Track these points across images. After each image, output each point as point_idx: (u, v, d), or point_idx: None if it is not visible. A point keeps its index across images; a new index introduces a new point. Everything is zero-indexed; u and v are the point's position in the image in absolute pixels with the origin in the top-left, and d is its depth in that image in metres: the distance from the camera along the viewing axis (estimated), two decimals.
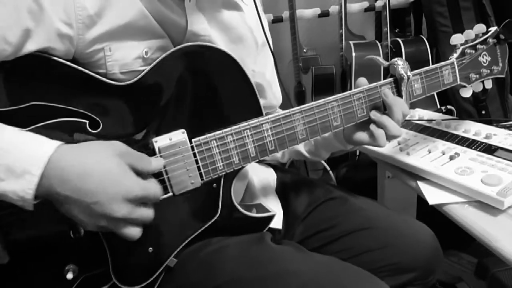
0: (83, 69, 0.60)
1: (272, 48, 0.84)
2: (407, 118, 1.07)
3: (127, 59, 0.63)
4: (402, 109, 0.74)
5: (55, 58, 0.58)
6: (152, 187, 0.57)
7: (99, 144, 0.56)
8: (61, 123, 0.58)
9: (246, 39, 0.77)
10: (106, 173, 0.53)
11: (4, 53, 0.55)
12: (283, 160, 0.93)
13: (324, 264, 0.67)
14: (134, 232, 0.56)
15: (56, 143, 0.53)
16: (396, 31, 1.80)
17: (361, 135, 0.75)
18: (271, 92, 0.88)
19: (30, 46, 0.56)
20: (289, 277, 0.63)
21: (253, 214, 0.73)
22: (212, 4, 0.71)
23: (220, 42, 0.72)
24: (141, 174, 0.56)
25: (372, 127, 0.74)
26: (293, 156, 0.92)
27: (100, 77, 0.60)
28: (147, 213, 0.56)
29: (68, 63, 0.59)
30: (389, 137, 0.74)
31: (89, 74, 0.60)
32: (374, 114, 0.74)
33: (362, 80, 0.75)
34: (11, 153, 0.51)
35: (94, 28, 0.59)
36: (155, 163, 0.58)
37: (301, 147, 0.88)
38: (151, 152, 0.61)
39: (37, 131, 0.56)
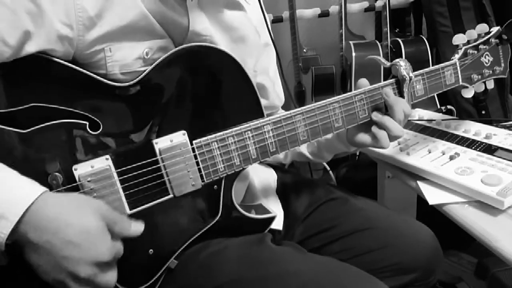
0: (83, 70, 0.59)
1: (276, 48, 0.84)
2: None
3: (127, 59, 0.62)
4: (404, 109, 0.73)
5: (55, 59, 0.58)
6: (121, 251, 0.56)
7: (83, 200, 0.56)
8: (61, 124, 0.58)
9: (248, 39, 0.77)
10: (83, 231, 0.52)
11: (3, 55, 0.54)
12: (285, 162, 0.93)
13: (324, 265, 0.67)
14: None
15: (39, 190, 0.52)
16: (396, 31, 1.80)
17: (364, 137, 0.75)
18: (273, 92, 0.88)
19: (30, 48, 0.56)
20: (289, 278, 0.63)
21: (254, 215, 0.73)
22: (214, 4, 0.70)
23: (222, 42, 0.71)
24: (114, 236, 0.55)
25: (374, 128, 0.74)
26: (296, 158, 0.92)
27: (100, 78, 0.60)
28: (111, 278, 0.55)
29: (68, 64, 0.59)
30: (392, 137, 0.74)
31: (89, 75, 0.60)
32: (376, 115, 0.74)
33: (363, 81, 0.75)
34: None
35: (94, 29, 0.59)
36: (134, 228, 0.58)
37: (304, 149, 0.88)
38: (151, 153, 0.61)
39: (37, 136, 0.55)
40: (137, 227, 0.58)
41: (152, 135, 0.62)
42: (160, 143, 0.62)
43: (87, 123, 0.59)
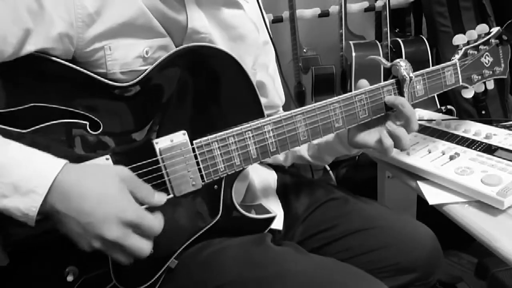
0: (83, 70, 0.59)
1: (275, 46, 0.84)
2: None
3: (127, 58, 0.62)
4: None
5: (55, 58, 0.58)
6: (150, 218, 0.55)
7: (105, 167, 0.57)
8: (61, 124, 0.58)
9: (246, 37, 0.77)
10: (105, 195, 0.53)
11: (4, 53, 0.54)
12: (285, 164, 0.93)
13: (324, 265, 0.67)
14: (124, 260, 0.55)
15: (61, 162, 0.53)
16: (396, 31, 1.80)
17: (366, 138, 0.75)
18: (273, 90, 0.87)
19: (30, 47, 0.56)
20: (289, 278, 0.63)
21: (254, 215, 0.73)
22: (212, 2, 0.70)
23: (220, 40, 0.71)
24: (143, 204, 0.56)
25: (384, 136, 0.72)
26: (297, 161, 0.92)
27: (100, 78, 0.60)
28: (142, 245, 0.54)
29: (68, 63, 0.59)
30: (398, 148, 0.73)
31: (90, 75, 0.60)
32: (390, 125, 0.73)
33: (363, 82, 0.75)
34: (16, 170, 0.51)
35: (93, 27, 0.59)
36: (157, 197, 0.58)
37: (305, 152, 0.88)
38: (152, 153, 0.61)
39: (38, 135, 0.56)
40: (160, 197, 0.58)
41: (152, 135, 0.63)
42: (161, 143, 0.62)
43: (87, 123, 0.59)
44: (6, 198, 0.50)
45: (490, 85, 0.92)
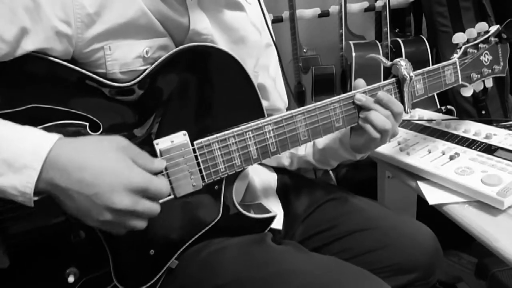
0: (83, 70, 0.59)
1: (277, 48, 0.84)
2: (407, 118, 1.07)
3: (127, 58, 0.62)
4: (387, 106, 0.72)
5: (54, 59, 0.58)
6: (156, 180, 0.55)
7: (99, 138, 0.56)
8: (61, 125, 0.58)
9: (248, 39, 0.77)
10: (106, 165, 0.52)
11: (0, 52, 0.54)
12: (291, 168, 0.93)
13: (324, 264, 0.67)
14: (140, 224, 0.54)
15: (54, 136, 0.52)
16: (396, 31, 1.80)
17: (358, 138, 0.76)
18: (274, 93, 0.87)
19: (28, 46, 0.55)
20: (289, 277, 0.63)
21: (254, 215, 0.73)
22: (214, 4, 0.70)
23: (222, 42, 0.71)
24: (144, 170, 0.55)
25: (366, 128, 0.72)
26: (302, 165, 0.91)
27: (100, 78, 0.60)
28: (153, 206, 0.54)
29: (67, 64, 0.59)
30: (379, 132, 0.72)
31: (90, 75, 0.59)
32: (362, 113, 0.73)
33: (360, 82, 0.75)
34: (9, 147, 0.50)
35: (93, 27, 0.59)
36: (157, 163, 0.58)
37: (310, 157, 0.87)
38: (152, 154, 0.61)
39: None
40: (160, 163, 0.58)
41: (152, 136, 0.62)
42: (161, 144, 0.62)
43: (88, 123, 0.59)
44: (1, 177, 0.49)
45: (489, 83, 0.92)
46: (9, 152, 0.50)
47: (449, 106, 1.52)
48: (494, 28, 0.89)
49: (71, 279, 0.60)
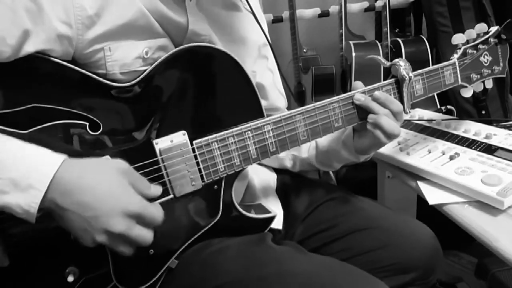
0: (83, 70, 0.59)
1: (273, 49, 0.84)
2: (407, 118, 1.07)
3: (127, 59, 0.62)
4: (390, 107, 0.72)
5: (54, 59, 0.58)
6: (151, 207, 0.56)
7: (104, 161, 0.57)
8: (61, 125, 0.58)
9: (246, 40, 0.77)
10: (107, 188, 0.53)
11: (3, 54, 0.54)
12: (293, 170, 0.93)
13: (324, 265, 0.67)
14: (128, 251, 0.56)
15: (60, 158, 0.53)
16: (396, 31, 1.80)
17: (363, 139, 0.75)
18: (273, 92, 0.87)
19: (29, 48, 0.56)
20: (289, 277, 0.63)
21: (254, 215, 0.73)
22: (212, 5, 0.71)
23: (220, 42, 0.72)
24: (141, 195, 0.56)
25: (373, 130, 0.72)
26: (305, 167, 0.91)
27: (100, 78, 0.60)
28: (146, 235, 0.55)
29: (67, 64, 0.59)
30: (386, 135, 0.72)
31: (89, 76, 0.60)
32: (370, 117, 0.73)
33: (358, 85, 0.75)
34: (15, 166, 0.51)
35: (93, 28, 0.59)
36: (153, 189, 0.59)
37: (313, 160, 0.87)
38: (152, 154, 0.61)
39: (38, 136, 0.56)
40: (156, 189, 0.59)
41: (152, 135, 0.63)
42: (161, 144, 0.62)
43: (87, 123, 0.59)
44: (6, 195, 0.50)
45: (489, 84, 0.92)
46: (15, 172, 0.51)
47: (449, 106, 1.52)
48: (493, 29, 0.89)
49: (70, 278, 0.60)
